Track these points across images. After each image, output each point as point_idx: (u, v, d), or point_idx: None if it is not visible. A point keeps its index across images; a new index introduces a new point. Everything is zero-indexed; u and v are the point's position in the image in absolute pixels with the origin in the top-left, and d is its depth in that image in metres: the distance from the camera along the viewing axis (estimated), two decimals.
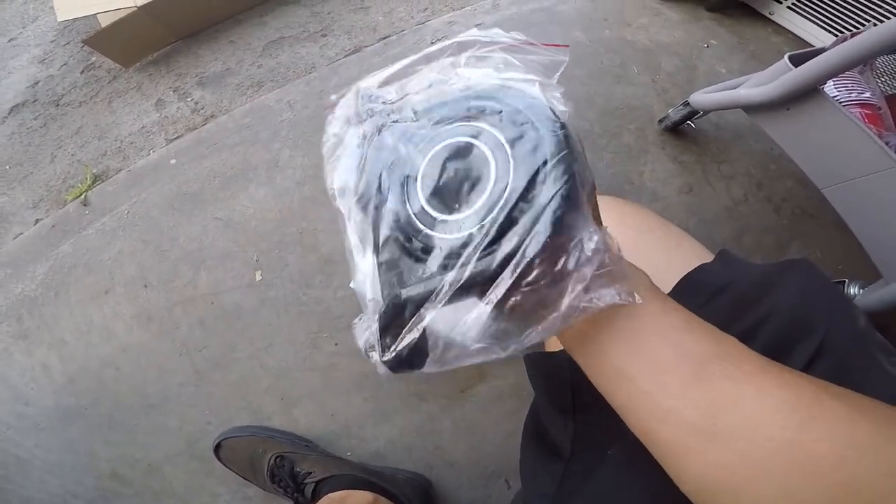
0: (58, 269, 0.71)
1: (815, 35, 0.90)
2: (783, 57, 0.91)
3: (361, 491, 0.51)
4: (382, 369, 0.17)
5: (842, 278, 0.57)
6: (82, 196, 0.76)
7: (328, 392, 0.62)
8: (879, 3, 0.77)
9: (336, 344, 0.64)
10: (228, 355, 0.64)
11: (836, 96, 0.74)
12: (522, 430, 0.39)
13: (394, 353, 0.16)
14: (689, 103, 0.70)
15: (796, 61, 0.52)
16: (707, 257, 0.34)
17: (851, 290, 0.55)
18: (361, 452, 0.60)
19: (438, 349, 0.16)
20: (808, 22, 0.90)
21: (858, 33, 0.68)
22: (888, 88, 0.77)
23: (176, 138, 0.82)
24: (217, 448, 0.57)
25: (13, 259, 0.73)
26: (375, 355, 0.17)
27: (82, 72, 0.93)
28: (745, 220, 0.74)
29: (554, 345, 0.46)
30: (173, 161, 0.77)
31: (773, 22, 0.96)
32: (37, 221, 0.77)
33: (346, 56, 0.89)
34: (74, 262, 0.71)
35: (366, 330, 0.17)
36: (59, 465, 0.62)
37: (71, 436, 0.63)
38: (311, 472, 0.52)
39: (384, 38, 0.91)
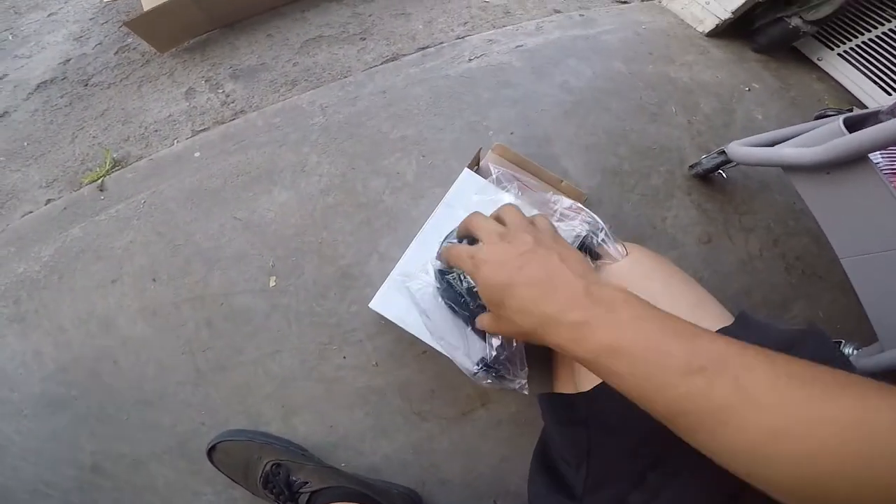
0: (65, 252, 0.69)
1: (861, 87, 0.90)
2: (823, 106, 0.89)
3: None
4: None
5: (839, 338, 0.58)
6: (99, 180, 0.74)
7: (330, 404, 0.61)
8: None
9: (344, 357, 0.63)
10: (233, 358, 0.63)
11: (878, 163, 0.73)
12: (532, 459, 0.41)
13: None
14: (724, 152, 0.69)
15: (851, 126, 0.50)
16: (726, 319, 0.34)
17: (847, 351, 0.56)
18: (357, 464, 0.60)
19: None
20: (858, 73, 0.90)
21: None
22: None
23: (202, 130, 0.80)
24: (211, 450, 0.56)
25: (19, 237, 0.71)
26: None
27: (116, 53, 0.92)
28: (756, 275, 0.74)
29: (565, 386, 0.45)
30: (197, 154, 0.76)
31: (819, 68, 0.96)
32: (48, 201, 0.75)
33: (382, 63, 0.88)
34: (83, 248, 0.69)
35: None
36: (37, 453, 0.60)
37: (55, 425, 0.61)
38: (307, 482, 0.52)
39: (422, 48, 0.90)
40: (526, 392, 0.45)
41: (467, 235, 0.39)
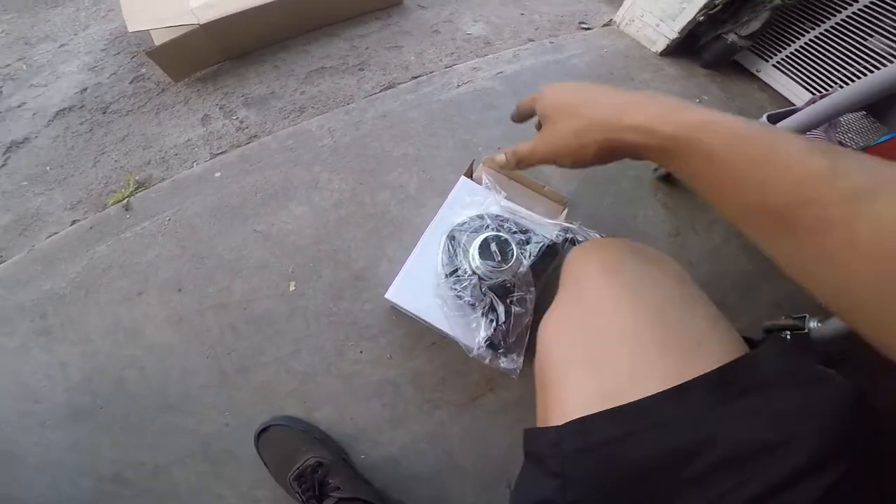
0: (91, 269, 0.72)
1: (795, 92, 1.02)
2: (763, 113, 1.02)
3: None
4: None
5: (803, 314, 0.64)
6: (125, 200, 0.79)
7: (349, 397, 0.65)
8: (850, 64, 0.89)
9: (361, 352, 0.68)
10: (255, 359, 0.67)
11: None
12: (515, 483, 0.36)
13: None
14: None
15: (774, 120, 0.60)
16: (735, 351, 0.27)
17: (811, 324, 0.62)
18: (376, 456, 0.63)
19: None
20: (790, 80, 1.02)
21: (826, 95, 0.78)
22: (853, 145, 0.89)
23: (220, 153, 0.87)
24: (263, 430, 0.58)
25: (45, 256, 0.73)
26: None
27: (131, 82, 0.97)
28: (723, 263, 0.83)
29: (547, 419, 0.35)
30: (217, 174, 0.82)
31: (759, 79, 1.09)
32: (74, 222, 0.79)
33: (381, 91, 0.97)
34: (109, 264, 0.73)
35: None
36: (56, 464, 0.59)
37: (77, 435, 0.61)
38: (339, 488, 0.52)
39: (416, 77, 1.00)
40: (515, 377, 0.52)
41: (528, 114, 0.39)
